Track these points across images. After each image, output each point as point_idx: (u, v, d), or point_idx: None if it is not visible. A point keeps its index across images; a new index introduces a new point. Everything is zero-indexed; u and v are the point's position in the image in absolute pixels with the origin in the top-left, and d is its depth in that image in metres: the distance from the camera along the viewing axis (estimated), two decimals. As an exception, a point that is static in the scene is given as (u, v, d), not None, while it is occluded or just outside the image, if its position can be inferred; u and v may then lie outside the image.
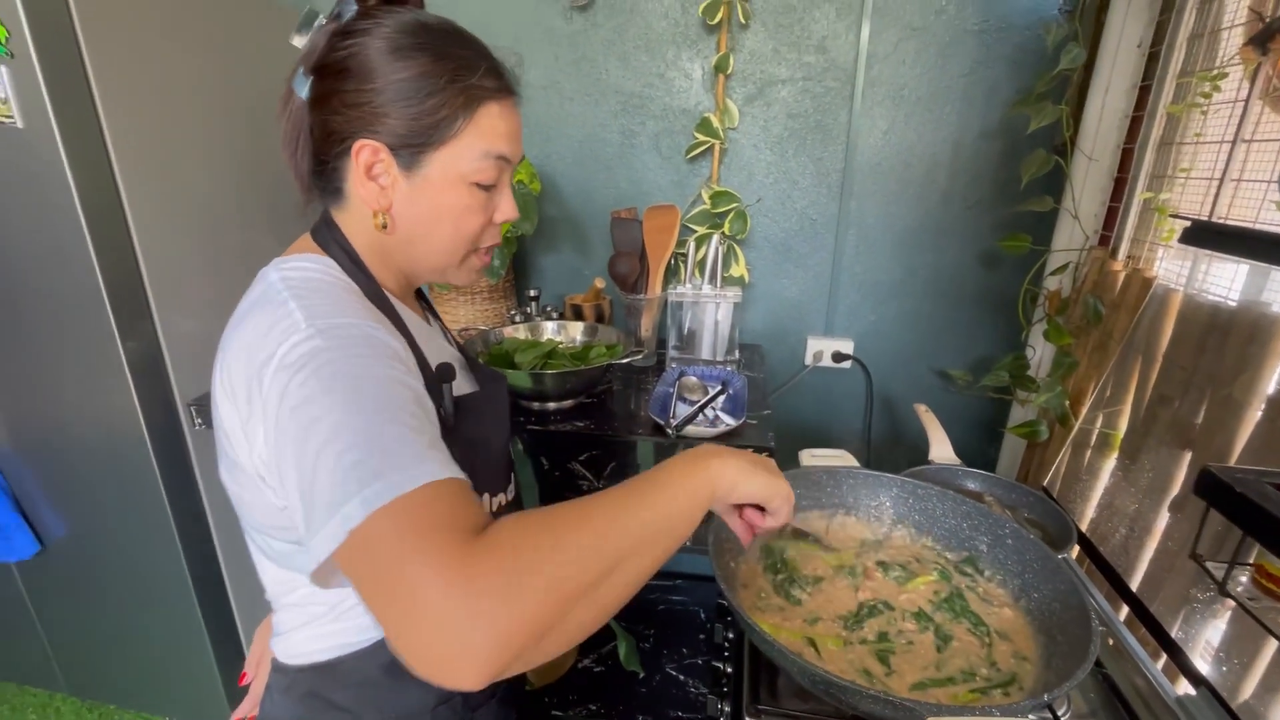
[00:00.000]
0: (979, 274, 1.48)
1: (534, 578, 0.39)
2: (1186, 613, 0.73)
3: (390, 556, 0.39)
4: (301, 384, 0.45)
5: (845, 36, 1.37)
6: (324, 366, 0.45)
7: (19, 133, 0.99)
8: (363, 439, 0.42)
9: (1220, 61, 0.95)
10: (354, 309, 0.52)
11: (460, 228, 0.59)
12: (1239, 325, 0.82)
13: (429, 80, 0.54)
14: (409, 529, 0.39)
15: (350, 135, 0.55)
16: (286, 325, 0.48)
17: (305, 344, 0.46)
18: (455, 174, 0.57)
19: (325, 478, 0.42)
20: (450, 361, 0.60)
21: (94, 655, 1.47)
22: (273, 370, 0.46)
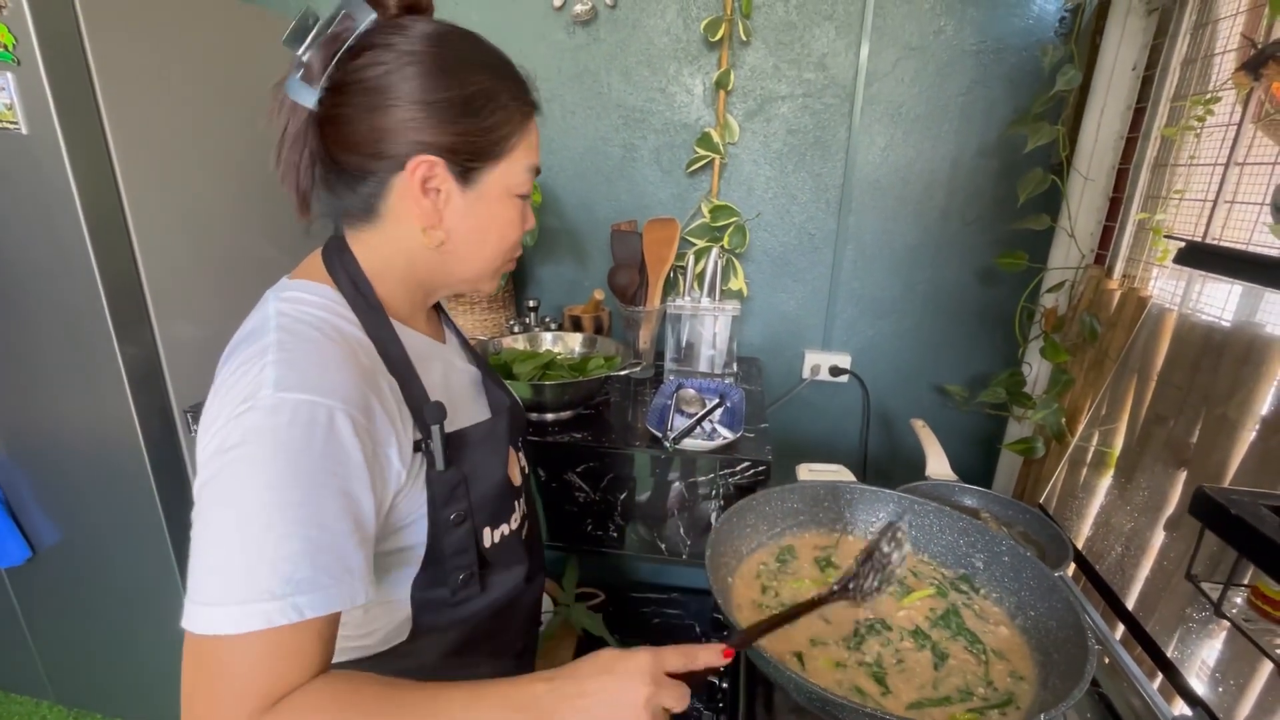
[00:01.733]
0: (976, 290, 1.49)
1: None
2: (1182, 632, 0.73)
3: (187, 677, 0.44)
4: (231, 463, 0.45)
5: (845, 55, 1.39)
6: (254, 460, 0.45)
7: (23, 138, 1.00)
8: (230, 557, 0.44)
9: (1214, 85, 0.97)
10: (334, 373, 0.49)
11: (505, 238, 0.61)
12: (1233, 345, 0.82)
13: (490, 98, 0.54)
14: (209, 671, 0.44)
15: (403, 151, 0.53)
16: (253, 382, 0.47)
17: (257, 418, 0.46)
18: (505, 187, 0.58)
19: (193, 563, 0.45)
20: (442, 401, 0.57)
21: (83, 663, 1.46)
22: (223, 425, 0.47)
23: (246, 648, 0.43)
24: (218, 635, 0.43)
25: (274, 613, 0.43)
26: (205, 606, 0.43)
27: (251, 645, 0.43)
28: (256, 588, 0.43)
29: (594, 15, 1.43)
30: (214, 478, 0.46)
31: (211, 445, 0.47)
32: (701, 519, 1.15)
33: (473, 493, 0.59)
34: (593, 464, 1.14)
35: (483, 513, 0.61)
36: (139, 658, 1.40)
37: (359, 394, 0.50)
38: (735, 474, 1.09)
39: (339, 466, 0.48)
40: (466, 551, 0.60)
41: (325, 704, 0.44)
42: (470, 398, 0.67)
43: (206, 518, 0.46)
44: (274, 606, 0.43)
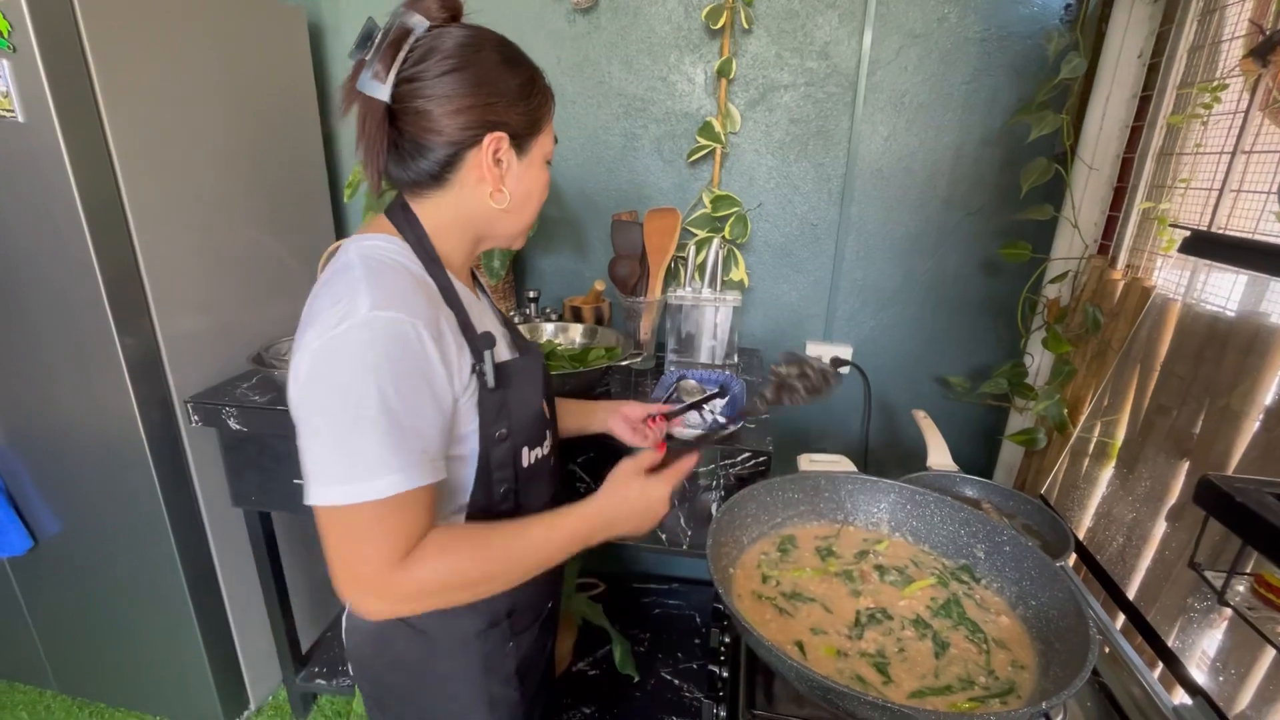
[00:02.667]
0: (978, 281, 1.49)
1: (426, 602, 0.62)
2: (1183, 622, 0.73)
3: (333, 544, 0.58)
4: (342, 371, 0.56)
5: (847, 43, 1.37)
6: (365, 366, 0.55)
7: (20, 127, 0.99)
8: (355, 442, 0.56)
9: (1221, 73, 0.96)
10: (416, 300, 0.60)
11: (541, 198, 0.73)
12: (1237, 335, 0.82)
13: (534, 85, 0.67)
14: (361, 532, 0.57)
15: (480, 128, 0.64)
16: (350, 304, 0.57)
17: (354, 333, 0.56)
18: (543, 154, 0.70)
19: (311, 453, 0.57)
20: (491, 331, 0.68)
21: (86, 653, 1.46)
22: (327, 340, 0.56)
23: (381, 511, 0.57)
24: (358, 504, 0.56)
25: (396, 484, 0.57)
26: (341, 483, 0.56)
27: (384, 509, 0.57)
28: (384, 465, 0.56)
29: (594, 3, 1.42)
30: (326, 379, 0.56)
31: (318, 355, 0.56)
32: (702, 509, 1.15)
33: (513, 415, 0.70)
34: (593, 454, 1.14)
35: (521, 434, 0.72)
36: (141, 647, 1.40)
37: (433, 316, 0.61)
38: (736, 464, 1.09)
39: (427, 372, 0.59)
40: (507, 466, 0.71)
41: (445, 543, 0.61)
42: (503, 343, 0.76)
43: (326, 414, 0.56)
44: (395, 479, 0.57)
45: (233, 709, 1.46)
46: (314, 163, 1.53)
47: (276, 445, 1.22)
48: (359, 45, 0.62)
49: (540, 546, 0.66)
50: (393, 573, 0.58)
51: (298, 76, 1.45)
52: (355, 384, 0.55)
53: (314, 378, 0.57)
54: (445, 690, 0.75)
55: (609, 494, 0.71)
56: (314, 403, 0.57)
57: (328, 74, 1.58)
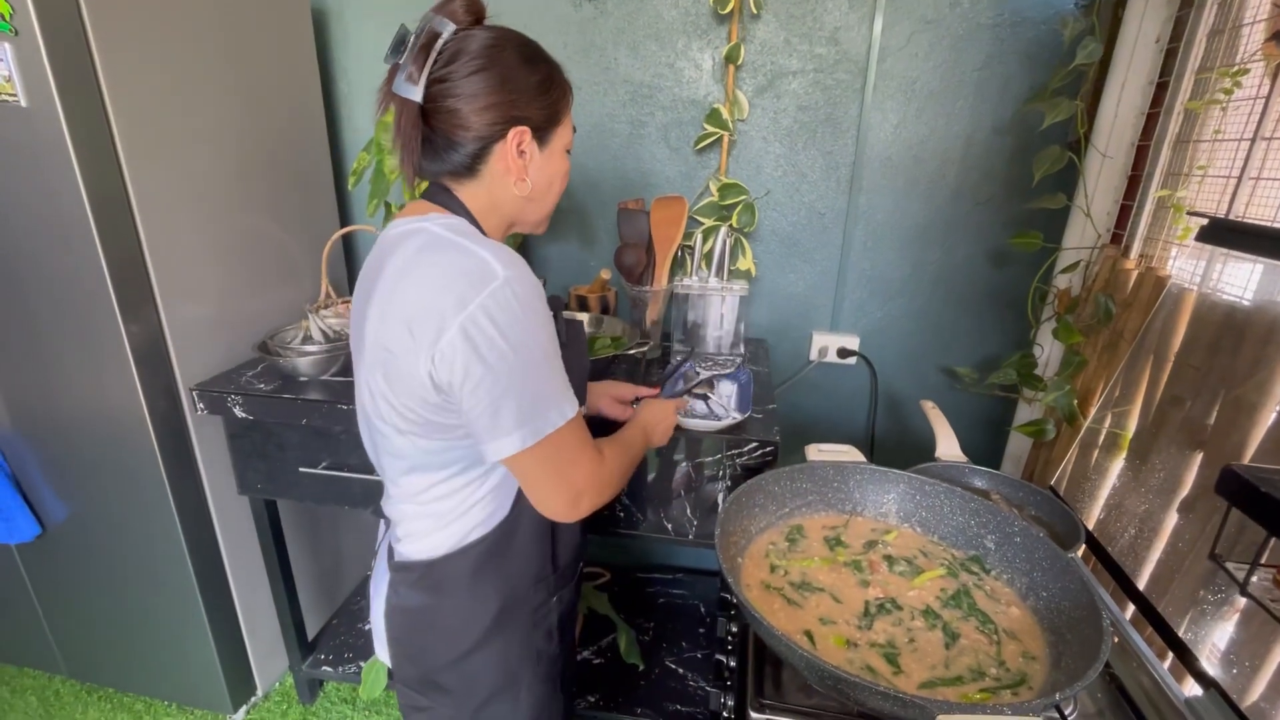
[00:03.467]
0: (988, 271, 1.47)
1: (612, 489, 0.76)
2: (1195, 614, 0.73)
3: (551, 468, 0.69)
4: (504, 326, 0.62)
5: (858, 28, 1.35)
6: (526, 319, 0.63)
7: (22, 111, 0.98)
8: (539, 383, 0.65)
9: (1241, 57, 0.94)
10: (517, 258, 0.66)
11: (561, 186, 0.78)
12: (1254, 326, 0.81)
13: (553, 80, 0.72)
14: (570, 447, 0.69)
15: (505, 123, 0.68)
16: (483, 270, 0.62)
17: (504, 291, 0.62)
18: (561, 145, 0.75)
19: (512, 405, 0.64)
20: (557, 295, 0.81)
21: (94, 638, 1.47)
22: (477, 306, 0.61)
23: (579, 426, 0.70)
24: (568, 423, 0.67)
25: (573, 409, 0.68)
26: (554, 412, 0.66)
27: (579, 424, 0.70)
28: (567, 393, 0.68)
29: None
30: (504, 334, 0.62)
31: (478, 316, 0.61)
32: (708, 500, 1.14)
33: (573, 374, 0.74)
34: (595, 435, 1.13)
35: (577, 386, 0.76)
36: (149, 633, 1.41)
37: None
38: (743, 455, 1.09)
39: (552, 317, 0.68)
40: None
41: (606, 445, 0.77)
42: None
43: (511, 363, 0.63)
44: (571, 406, 0.68)
45: (240, 695, 1.47)
46: (318, 149, 1.52)
47: (282, 433, 1.22)
48: (393, 50, 0.67)
49: (634, 441, 0.83)
50: (598, 469, 0.71)
51: (301, 62, 1.44)
52: (528, 335, 0.63)
53: (486, 336, 0.61)
54: (498, 649, 0.80)
55: (644, 409, 0.93)
56: (495, 361, 0.62)
57: (331, 59, 1.57)
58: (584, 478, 0.71)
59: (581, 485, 0.71)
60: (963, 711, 0.50)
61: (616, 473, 0.76)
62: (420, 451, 0.71)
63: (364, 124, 1.62)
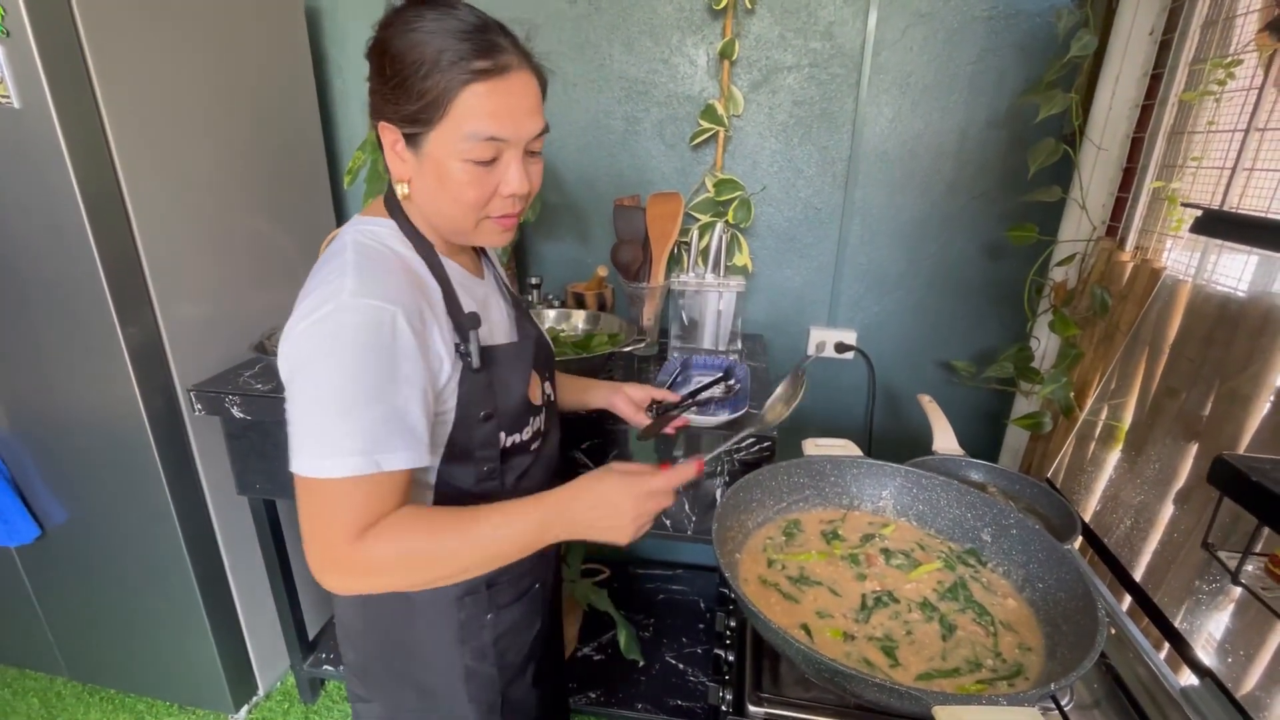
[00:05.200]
0: (984, 265, 1.47)
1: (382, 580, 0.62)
2: (1191, 604, 0.73)
3: (303, 512, 0.60)
4: (324, 349, 0.57)
5: (852, 22, 1.35)
6: (346, 346, 0.57)
7: (15, 113, 0.98)
8: (319, 419, 0.58)
9: (1235, 48, 0.94)
10: (401, 288, 0.61)
11: (460, 200, 0.64)
12: (1249, 317, 0.81)
13: (422, 65, 0.59)
14: (318, 506, 0.59)
15: (376, 119, 0.64)
16: (335, 288, 0.59)
17: (339, 315, 0.57)
18: (447, 152, 0.62)
19: (294, 426, 0.59)
20: (478, 312, 0.68)
21: (95, 640, 1.47)
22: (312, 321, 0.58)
23: (342, 489, 0.58)
24: (322, 479, 0.58)
25: (361, 465, 0.58)
26: (310, 458, 0.58)
27: (345, 488, 0.58)
28: (348, 446, 0.58)
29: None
30: (308, 361, 0.58)
31: (301, 336, 0.58)
32: (706, 495, 1.14)
33: (497, 399, 0.70)
34: (597, 440, 1.13)
35: (502, 418, 0.71)
36: (150, 634, 1.41)
37: (415, 302, 0.62)
38: (740, 450, 1.09)
39: (403, 358, 0.60)
40: (491, 446, 0.71)
41: (401, 524, 0.61)
42: (503, 325, 0.77)
43: (304, 393, 0.58)
44: (360, 460, 0.58)
45: (241, 694, 1.48)
46: (313, 148, 1.51)
47: (280, 433, 1.22)
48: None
49: (492, 534, 0.62)
50: (349, 547, 0.59)
51: (296, 60, 1.43)
52: (331, 366, 0.57)
53: (298, 358, 0.59)
54: (423, 656, 0.77)
55: (577, 485, 0.65)
56: (296, 381, 0.59)
57: (325, 57, 1.56)
58: (328, 550, 0.59)
59: (325, 557, 0.60)
60: (958, 702, 0.51)
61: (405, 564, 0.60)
62: None
63: (359, 122, 1.62)
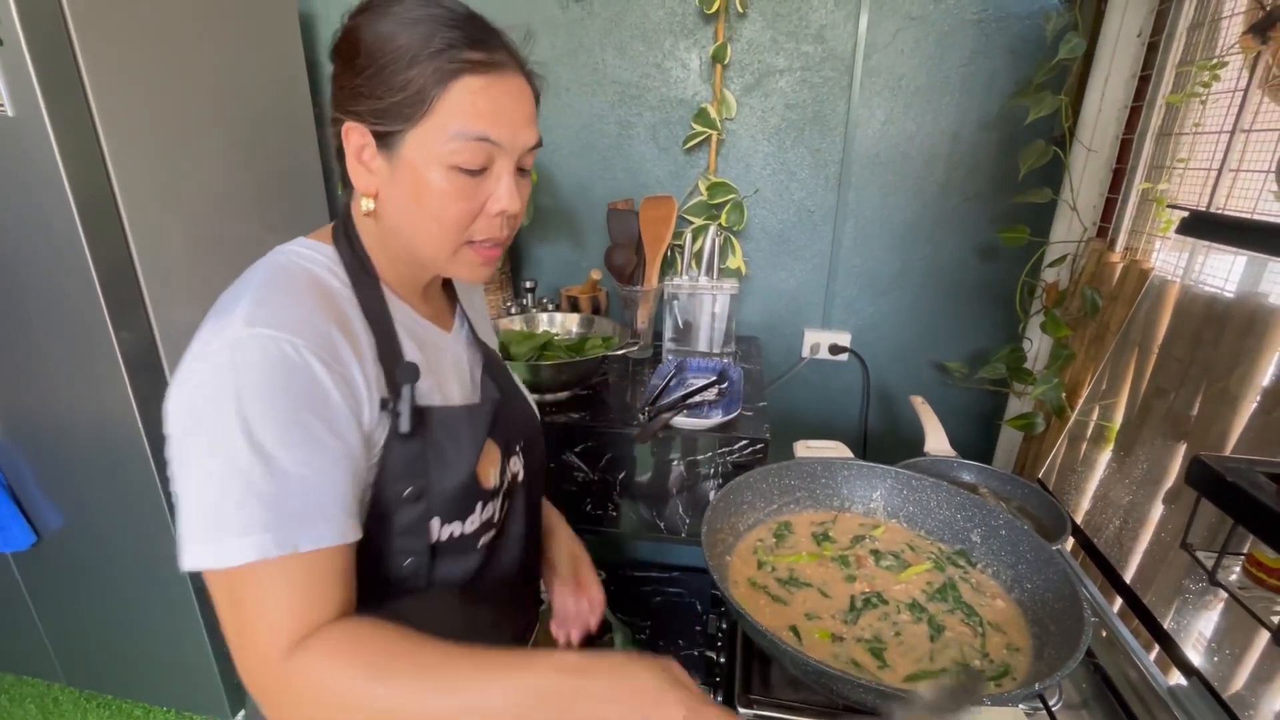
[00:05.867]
0: (976, 266, 1.48)
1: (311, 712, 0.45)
2: (1179, 604, 0.73)
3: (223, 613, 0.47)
4: (212, 400, 0.46)
5: (843, 26, 1.36)
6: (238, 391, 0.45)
7: (9, 121, 0.98)
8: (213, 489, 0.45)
9: (1220, 50, 0.95)
10: (306, 323, 0.49)
11: (441, 216, 0.55)
12: (1235, 317, 0.81)
13: (402, 54, 0.51)
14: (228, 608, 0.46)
15: (340, 119, 0.55)
16: (228, 317, 0.48)
17: (228, 352, 0.46)
18: (430, 155, 0.53)
19: (181, 504, 0.46)
20: (415, 364, 0.56)
21: (91, 646, 1.47)
22: (194, 356, 0.48)
23: (258, 580, 0.45)
24: (220, 569, 0.45)
25: (269, 544, 0.44)
26: (202, 543, 0.44)
27: (261, 578, 0.45)
28: (248, 521, 0.44)
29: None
30: (189, 414, 0.46)
31: (182, 379, 0.48)
32: (700, 498, 1.15)
33: (431, 474, 0.56)
34: (590, 444, 1.14)
35: (436, 500, 0.56)
36: (146, 639, 1.41)
37: (325, 335, 0.50)
38: (733, 452, 1.09)
39: (315, 402, 0.48)
40: (416, 535, 0.56)
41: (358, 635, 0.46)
42: (461, 385, 0.64)
43: (189, 459, 0.46)
44: (268, 538, 0.44)
45: (237, 699, 1.48)
46: (307, 154, 1.52)
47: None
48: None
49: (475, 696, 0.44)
50: (281, 660, 0.44)
51: (289, 66, 1.44)
52: (216, 416, 0.45)
53: (177, 407, 0.47)
54: None
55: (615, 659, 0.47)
56: (177, 439, 0.47)
57: (319, 64, 1.57)
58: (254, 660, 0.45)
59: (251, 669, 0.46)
60: (943, 703, 0.51)
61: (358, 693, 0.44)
62: None
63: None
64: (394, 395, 0.54)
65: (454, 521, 0.59)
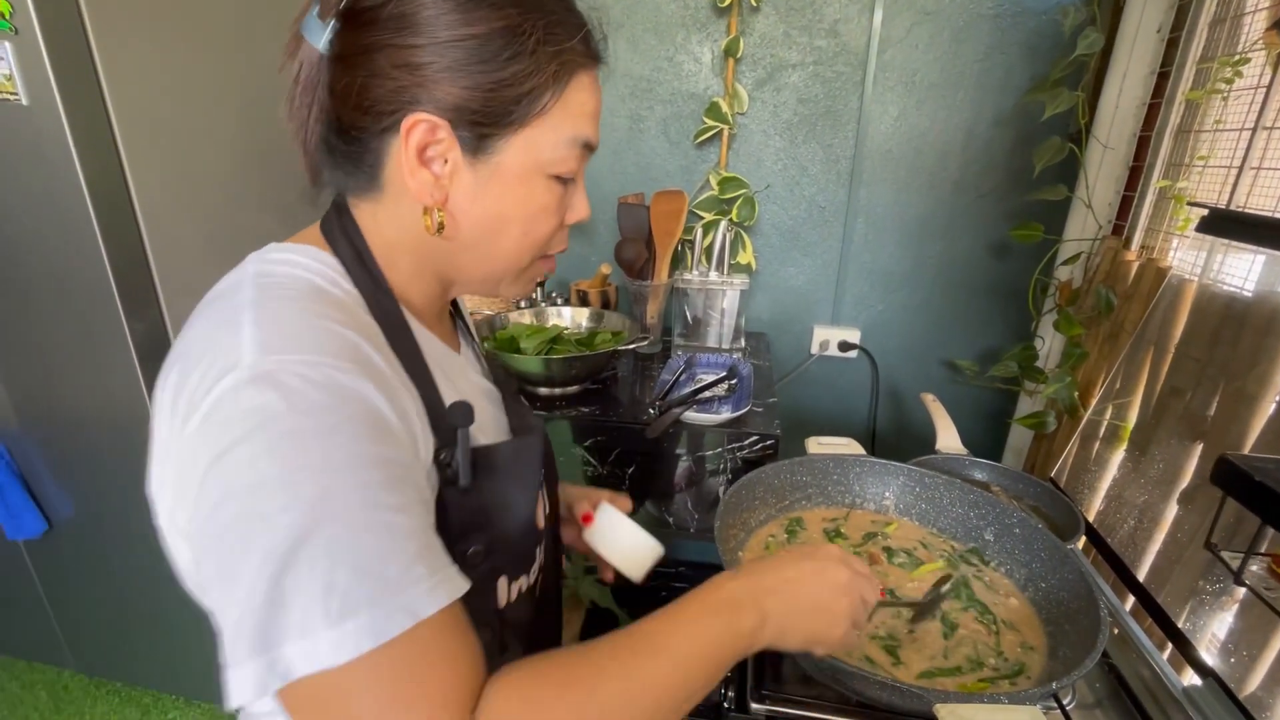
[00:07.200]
0: (989, 264, 1.47)
1: None
2: (1194, 604, 0.73)
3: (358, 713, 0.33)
4: (247, 464, 0.33)
5: (858, 20, 1.35)
6: (279, 441, 0.34)
7: (23, 110, 0.98)
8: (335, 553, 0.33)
9: (1242, 47, 0.93)
10: (332, 336, 0.38)
11: (531, 231, 0.47)
12: (1255, 316, 0.81)
13: (515, 39, 0.41)
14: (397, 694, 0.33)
15: (400, 107, 0.42)
16: (227, 351, 0.36)
17: (248, 393, 0.34)
18: (534, 163, 0.45)
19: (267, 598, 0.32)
20: (467, 400, 0.44)
21: (102, 633, 1.49)
22: (203, 415, 0.35)
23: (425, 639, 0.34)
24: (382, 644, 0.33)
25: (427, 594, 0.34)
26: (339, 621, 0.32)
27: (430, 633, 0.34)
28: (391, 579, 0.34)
29: (600, -19, 1.39)
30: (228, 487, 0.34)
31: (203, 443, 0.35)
32: (709, 493, 1.15)
33: (495, 526, 0.46)
34: (600, 438, 1.14)
35: (502, 555, 0.47)
36: (156, 627, 1.42)
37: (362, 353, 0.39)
38: (743, 448, 1.09)
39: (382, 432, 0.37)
40: (484, 599, 0.47)
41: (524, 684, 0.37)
42: (488, 415, 0.53)
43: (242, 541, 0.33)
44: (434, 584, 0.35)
45: (246, 688, 1.49)
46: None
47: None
48: None
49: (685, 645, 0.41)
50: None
51: (301, 59, 1.44)
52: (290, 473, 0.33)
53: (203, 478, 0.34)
54: None
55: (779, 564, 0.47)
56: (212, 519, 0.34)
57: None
58: None
59: None
60: (960, 700, 0.51)
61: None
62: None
63: (364, 120, 1.62)
64: (443, 441, 0.43)
65: (520, 576, 0.51)
